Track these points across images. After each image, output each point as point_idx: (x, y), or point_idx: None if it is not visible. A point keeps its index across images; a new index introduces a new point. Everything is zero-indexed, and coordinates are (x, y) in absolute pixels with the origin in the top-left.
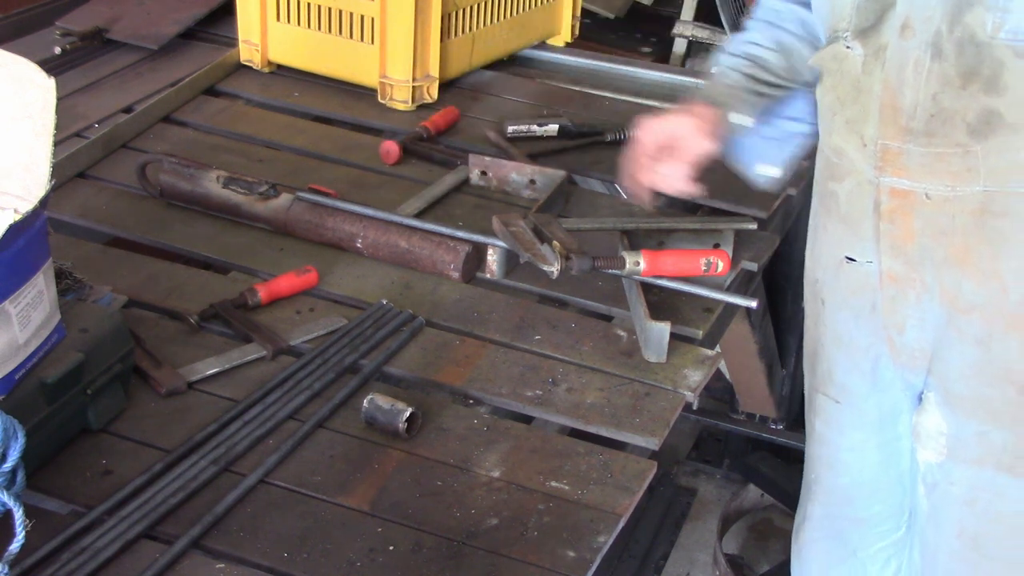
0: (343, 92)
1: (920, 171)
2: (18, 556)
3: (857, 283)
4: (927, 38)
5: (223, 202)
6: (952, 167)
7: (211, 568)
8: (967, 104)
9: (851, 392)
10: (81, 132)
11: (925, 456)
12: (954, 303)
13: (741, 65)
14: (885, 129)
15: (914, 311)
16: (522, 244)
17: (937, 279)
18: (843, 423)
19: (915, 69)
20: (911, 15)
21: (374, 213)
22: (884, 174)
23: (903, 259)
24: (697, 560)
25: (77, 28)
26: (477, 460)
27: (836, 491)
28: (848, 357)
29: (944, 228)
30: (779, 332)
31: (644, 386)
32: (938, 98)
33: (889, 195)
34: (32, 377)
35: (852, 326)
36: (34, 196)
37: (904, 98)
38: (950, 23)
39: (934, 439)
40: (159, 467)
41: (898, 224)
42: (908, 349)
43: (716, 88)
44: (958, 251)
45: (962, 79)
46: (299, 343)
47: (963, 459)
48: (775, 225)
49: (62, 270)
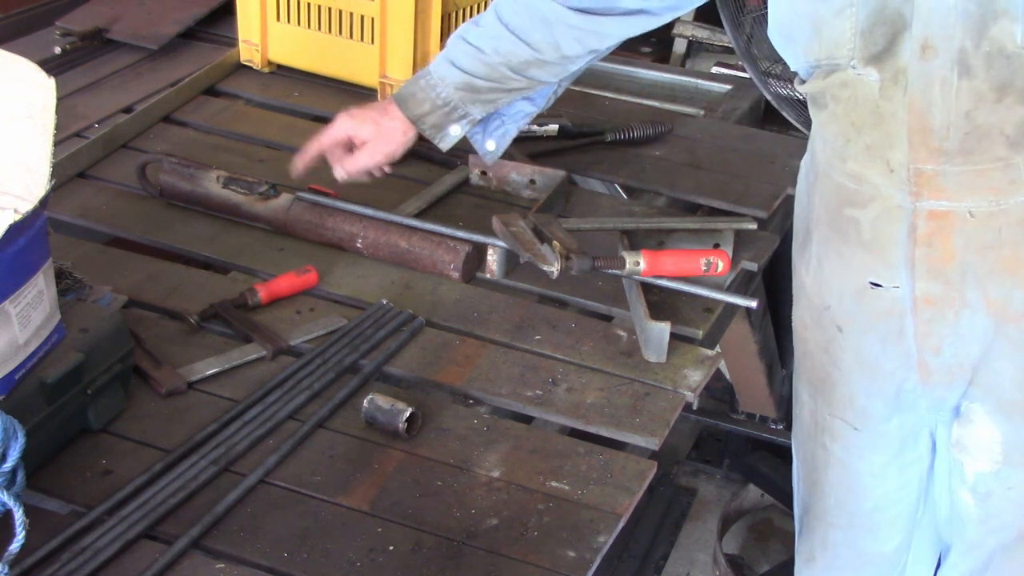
0: (343, 92)
1: (959, 190)
2: (18, 556)
3: (883, 309)
4: (951, 56)
5: (223, 202)
6: (994, 182)
7: (211, 568)
8: (1004, 117)
9: (872, 416)
10: (81, 132)
11: (978, 467)
12: (1003, 313)
13: (451, 75)
14: (916, 153)
15: (952, 329)
16: (522, 244)
17: (982, 293)
18: (863, 448)
19: (942, 89)
20: (930, 35)
21: (374, 213)
22: (921, 199)
23: (942, 280)
24: (697, 560)
25: (77, 28)
26: (477, 460)
27: (860, 515)
28: (872, 382)
29: (990, 243)
30: (779, 332)
31: (644, 386)
32: (972, 115)
33: (926, 218)
34: (32, 377)
35: (878, 351)
36: (34, 196)
37: (933, 119)
38: (976, 38)
39: (987, 448)
40: (159, 467)
41: (936, 247)
42: (945, 367)
43: (428, 110)
44: (1007, 262)
45: (996, 93)
46: (299, 343)
47: (1020, 463)
48: (775, 225)
49: (62, 270)
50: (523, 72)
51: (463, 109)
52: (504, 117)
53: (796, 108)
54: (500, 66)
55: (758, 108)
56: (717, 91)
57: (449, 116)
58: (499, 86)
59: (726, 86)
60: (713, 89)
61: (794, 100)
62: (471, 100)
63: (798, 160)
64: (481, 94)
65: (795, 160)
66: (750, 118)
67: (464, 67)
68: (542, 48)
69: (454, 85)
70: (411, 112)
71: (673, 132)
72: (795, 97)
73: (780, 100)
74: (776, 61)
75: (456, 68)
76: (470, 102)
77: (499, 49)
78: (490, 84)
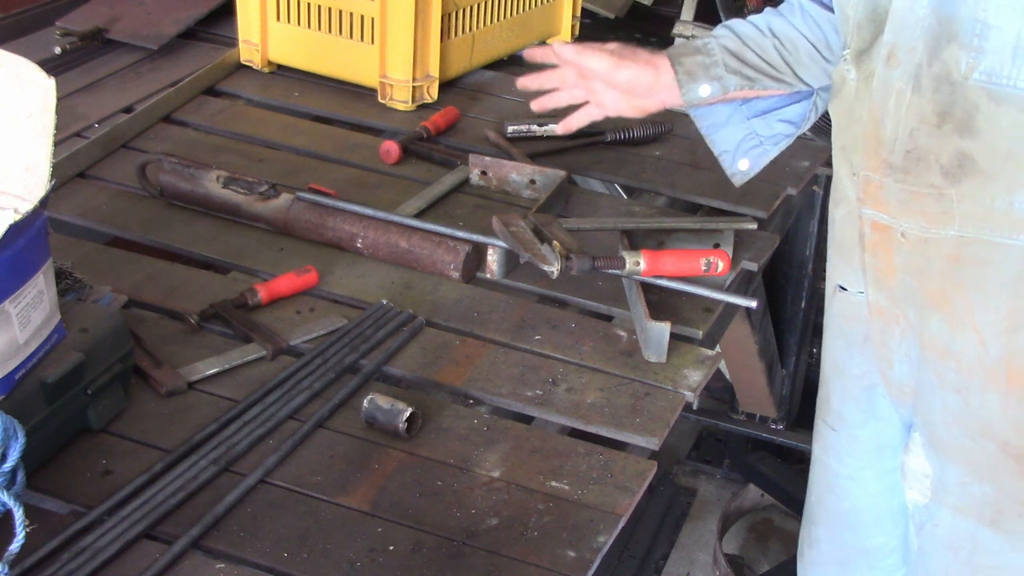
0: (343, 92)
1: (897, 207)
2: (18, 556)
3: (850, 312)
4: (910, 70)
5: (223, 202)
6: (927, 208)
7: (211, 568)
8: (941, 144)
9: (847, 420)
10: (81, 132)
11: (912, 496)
12: (933, 347)
13: (726, 37)
14: (868, 160)
15: (900, 346)
16: (522, 244)
17: (919, 318)
18: (840, 450)
19: (897, 101)
20: (897, 43)
21: (374, 213)
22: (865, 206)
23: (887, 293)
24: (697, 560)
25: (77, 28)
26: (477, 460)
27: (838, 514)
28: (843, 386)
29: (921, 268)
30: (779, 332)
31: (644, 386)
32: (915, 134)
33: (871, 228)
34: (32, 377)
35: (846, 355)
36: (34, 196)
37: (885, 130)
38: (929, 57)
39: (919, 480)
40: (159, 467)
41: (880, 258)
42: (897, 383)
43: (690, 53)
44: (935, 295)
45: (937, 117)
46: (299, 343)
47: (946, 505)
48: (775, 225)
49: (62, 270)
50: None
51: (721, 71)
52: (763, 138)
53: None
54: (771, 49)
55: None
56: None
57: (708, 70)
58: (765, 67)
59: None
60: None
61: None
62: (733, 68)
63: (798, 160)
64: (745, 67)
65: (795, 160)
66: None
67: (740, 32)
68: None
69: (724, 46)
70: (675, 52)
71: (673, 132)
72: None
73: None
74: None
75: (733, 32)
76: (732, 70)
77: (774, 30)
78: (758, 61)
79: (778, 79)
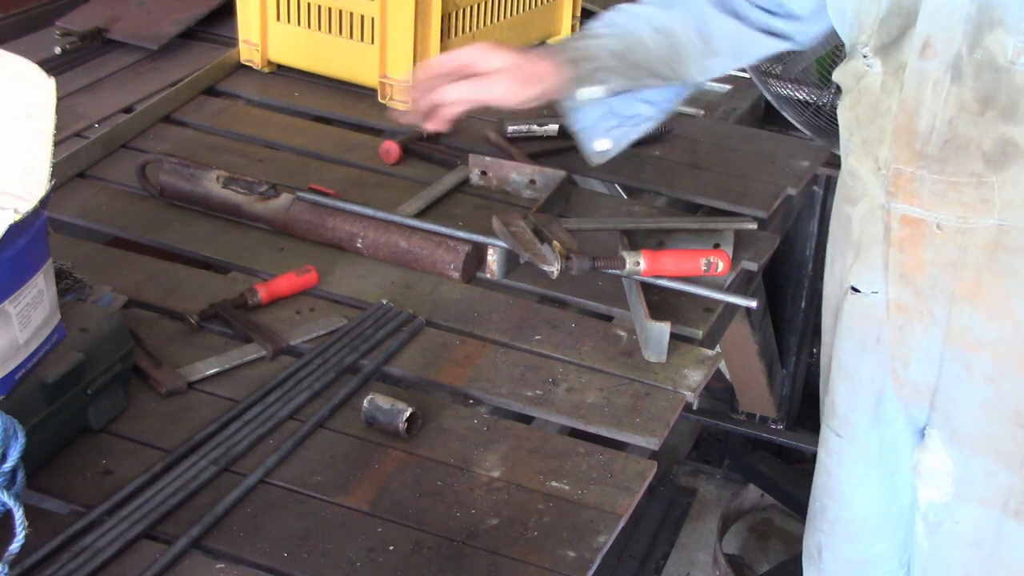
0: (343, 92)
1: (932, 199)
2: (18, 556)
3: (863, 314)
4: (948, 59)
5: (223, 202)
6: (965, 197)
7: (211, 568)
8: (984, 131)
9: (852, 426)
10: (81, 132)
11: (929, 495)
12: (963, 339)
13: (608, 37)
14: (899, 152)
15: (920, 344)
16: (522, 244)
17: (946, 313)
18: (844, 456)
19: (934, 91)
20: (932, 34)
21: (374, 213)
22: (895, 200)
23: (912, 289)
24: (697, 560)
25: (77, 28)
26: (477, 460)
27: (840, 523)
28: (851, 390)
29: (955, 261)
30: (779, 332)
31: (644, 386)
32: (954, 123)
33: (900, 222)
34: (32, 377)
35: (856, 358)
36: (34, 196)
37: (920, 121)
38: (971, 44)
39: (939, 478)
40: (159, 467)
41: (908, 253)
42: (912, 383)
43: (580, 50)
44: (969, 286)
45: (980, 105)
46: (299, 343)
47: (970, 499)
48: (775, 225)
49: (62, 270)
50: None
51: (604, 74)
52: (623, 118)
53: (796, 108)
54: (652, 48)
55: (758, 108)
56: (717, 91)
57: (594, 75)
58: (647, 67)
59: (726, 86)
60: (713, 89)
61: (794, 100)
62: (618, 71)
63: (798, 160)
64: (629, 69)
65: (795, 160)
66: (750, 118)
67: (621, 31)
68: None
69: (607, 49)
70: (565, 55)
71: (673, 132)
72: (795, 97)
73: (780, 100)
74: (776, 61)
75: (612, 33)
76: (616, 72)
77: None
78: (640, 62)
79: (660, 77)
